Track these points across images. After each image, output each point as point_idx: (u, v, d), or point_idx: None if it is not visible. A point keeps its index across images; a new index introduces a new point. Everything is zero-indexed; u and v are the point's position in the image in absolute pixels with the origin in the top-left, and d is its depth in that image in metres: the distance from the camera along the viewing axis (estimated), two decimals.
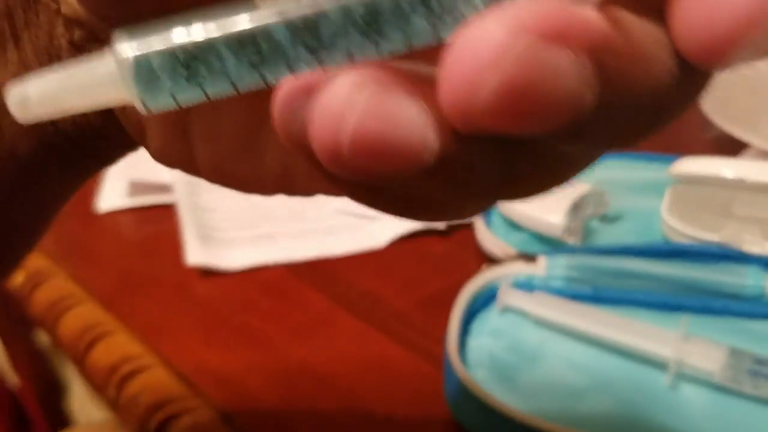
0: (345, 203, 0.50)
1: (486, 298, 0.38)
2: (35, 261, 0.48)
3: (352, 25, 0.11)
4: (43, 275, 0.46)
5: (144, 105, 0.12)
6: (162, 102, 0.12)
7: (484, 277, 0.39)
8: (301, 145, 0.13)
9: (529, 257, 0.40)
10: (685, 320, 0.34)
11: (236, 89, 0.12)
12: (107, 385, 0.38)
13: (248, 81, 0.12)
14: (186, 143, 0.19)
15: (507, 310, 0.38)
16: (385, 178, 0.12)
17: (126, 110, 0.19)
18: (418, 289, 0.43)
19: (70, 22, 0.18)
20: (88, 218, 0.52)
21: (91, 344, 0.40)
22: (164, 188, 0.53)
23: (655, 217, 0.43)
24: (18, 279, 0.47)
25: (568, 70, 0.10)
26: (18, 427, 0.93)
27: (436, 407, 0.34)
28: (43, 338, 0.71)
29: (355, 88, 0.11)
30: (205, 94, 0.12)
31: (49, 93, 0.12)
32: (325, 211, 0.51)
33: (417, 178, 0.12)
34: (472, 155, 0.12)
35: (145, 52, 0.11)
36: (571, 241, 0.42)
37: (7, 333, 0.71)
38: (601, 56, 0.11)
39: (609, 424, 0.32)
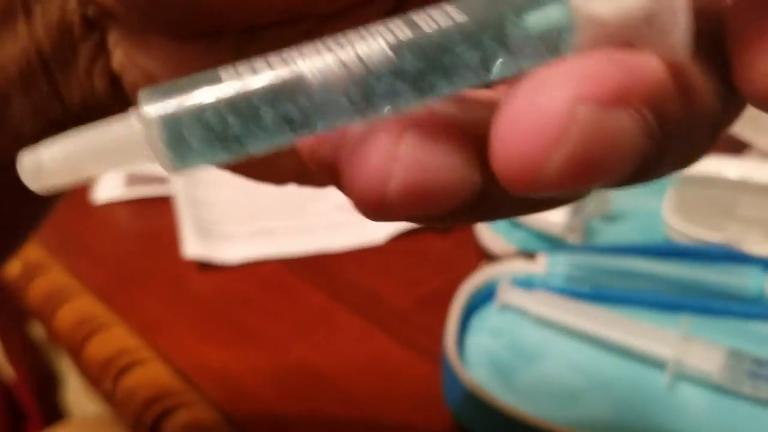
0: (344, 200, 0.50)
1: (485, 296, 0.38)
2: (31, 253, 0.47)
3: (400, 80, 0.11)
4: (39, 267, 0.46)
5: (172, 168, 0.11)
6: (191, 163, 0.11)
7: (484, 274, 0.38)
8: (335, 182, 0.13)
9: (529, 255, 0.39)
10: (684, 320, 0.34)
11: (272, 147, 0.11)
12: (103, 378, 0.38)
13: (284, 139, 0.11)
14: None
15: (506, 308, 0.37)
16: (424, 218, 0.12)
17: (137, 88, 0.18)
18: (417, 286, 0.43)
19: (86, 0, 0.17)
20: (84, 210, 0.52)
21: (87, 337, 0.40)
22: (161, 180, 0.52)
23: (656, 217, 0.43)
24: (14, 271, 0.46)
25: (631, 129, 0.10)
26: (12, 420, 0.93)
27: (434, 405, 0.34)
28: (38, 331, 0.70)
29: (399, 140, 0.11)
30: (237, 154, 0.11)
31: (65, 161, 0.11)
32: (324, 206, 0.50)
33: (456, 211, 0.12)
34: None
35: (174, 113, 0.10)
36: (572, 239, 0.42)
37: (2, 326, 0.70)
38: (661, 104, 0.11)
39: (607, 424, 0.32)
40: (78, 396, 0.70)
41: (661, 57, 0.11)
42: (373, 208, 0.11)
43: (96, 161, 0.11)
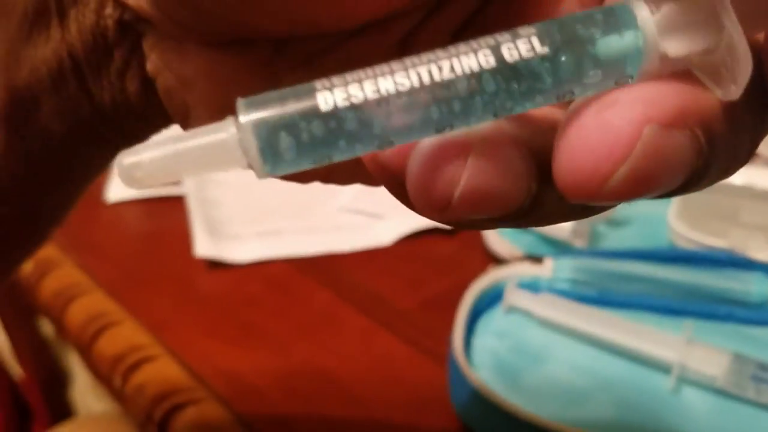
0: (352, 201, 0.51)
1: (491, 298, 0.39)
2: (43, 250, 0.48)
3: (479, 102, 0.11)
4: (51, 264, 0.46)
5: (264, 174, 0.12)
6: (281, 170, 0.12)
7: (490, 277, 0.39)
8: (394, 184, 0.14)
9: (536, 259, 0.40)
10: (689, 325, 0.34)
11: (361, 153, 0.12)
12: (113, 375, 0.39)
13: (367, 150, 0.12)
14: None
15: (512, 310, 0.38)
16: (480, 221, 0.13)
17: (172, 94, 0.18)
18: (423, 287, 0.43)
19: (121, 4, 0.17)
20: (96, 208, 0.52)
21: (97, 333, 0.40)
22: (173, 180, 0.53)
23: (661, 222, 0.43)
24: (26, 267, 0.47)
25: (685, 147, 0.11)
26: (18, 418, 0.94)
27: (439, 406, 0.35)
28: (47, 328, 0.71)
29: (466, 150, 0.12)
30: (329, 159, 0.12)
31: (162, 164, 0.12)
32: (332, 208, 0.51)
33: (510, 216, 0.13)
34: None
35: (268, 123, 0.11)
36: (578, 243, 0.42)
37: (11, 322, 0.71)
38: (711, 125, 0.12)
39: (611, 426, 0.32)
40: (85, 394, 0.70)
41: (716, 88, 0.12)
42: (438, 210, 0.12)
43: (191, 165, 0.12)
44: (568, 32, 0.11)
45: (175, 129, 0.19)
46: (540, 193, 0.13)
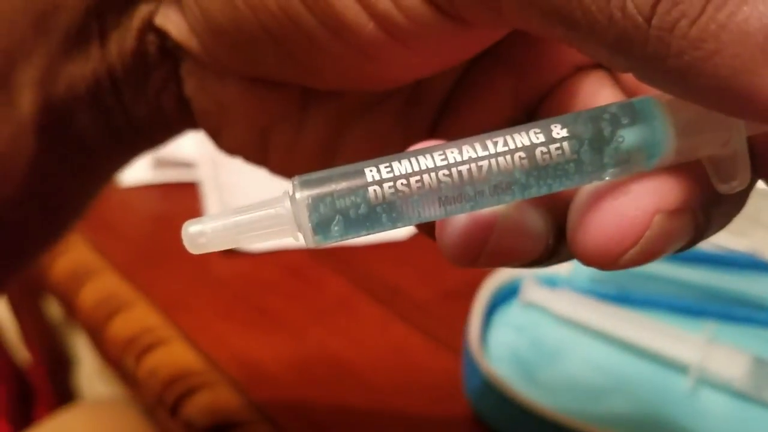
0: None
1: (508, 293, 0.38)
2: None
3: (510, 189, 0.13)
4: (64, 244, 0.46)
5: (316, 245, 0.13)
6: (332, 241, 0.13)
7: (507, 271, 0.38)
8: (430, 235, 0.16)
9: None
10: (708, 326, 0.34)
11: (401, 227, 0.13)
12: (125, 357, 0.38)
13: (413, 223, 0.13)
14: (262, 146, 0.19)
15: (529, 305, 0.38)
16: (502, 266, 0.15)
17: (207, 114, 0.19)
18: (438, 279, 0.43)
19: (164, 33, 0.18)
20: (111, 191, 0.52)
21: (110, 315, 0.40)
22: (188, 165, 0.53)
23: None
24: None
25: (686, 226, 0.13)
26: (21, 400, 0.94)
27: (453, 396, 0.34)
28: (54, 310, 0.71)
29: (493, 214, 0.14)
30: (371, 231, 0.13)
31: (224, 233, 0.13)
32: None
33: (530, 264, 0.15)
34: None
35: (321, 200, 0.13)
36: None
37: (18, 305, 0.71)
38: (710, 206, 0.14)
39: (628, 424, 0.32)
40: (91, 378, 0.70)
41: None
42: (467, 262, 0.14)
43: (249, 237, 0.13)
44: (595, 134, 0.13)
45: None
46: (556, 246, 0.15)
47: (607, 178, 0.13)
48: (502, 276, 0.38)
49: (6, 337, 0.88)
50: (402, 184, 0.13)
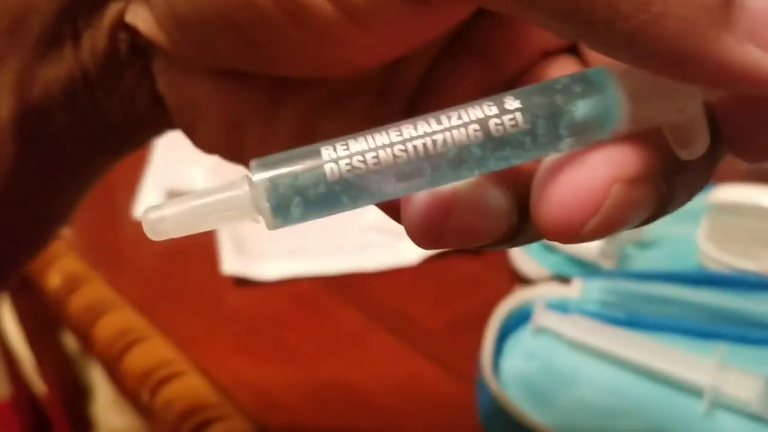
0: (377, 220, 0.51)
1: (519, 319, 0.38)
2: (73, 265, 0.48)
3: (465, 165, 0.13)
4: (79, 280, 0.47)
5: (275, 226, 0.13)
6: (292, 222, 0.13)
7: (518, 297, 0.39)
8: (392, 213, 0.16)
9: (564, 279, 0.40)
10: (721, 349, 0.34)
11: (362, 207, 0.13)
12: (140, 390, 0.39)
13: (373, 202, 0.13)
14: (237, 142, 0.19)
15: (541, 331, 0.38)
16: (465, 247, 0.15)
17: (180, 111, 0.19)
18: (449, 307, 0.43)
19: (134, 30, 0.18)
20: (125, 225, 0.53)
21: (126, 348, 0.41)
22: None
23: (690, 245, 0.43)
24: (54, 282, 0.48)
25: (647, 195, 0.13)
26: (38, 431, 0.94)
27: (468, 425, 0.34)
28: (70, 342, 0.71)
29: (454, 192, 0.14)
30: (332, 213, 0.13)
31: (183, 218, 0.13)
32: (357, 227, 0.51)
33: (494, 243, 0.15)
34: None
35: (279, 182, 0.13)
36: (606, 265, 0.42)
37: (35, 337, 0.71)
38: (672, 174, 0.14)
39: None
40: (106, 409, 0.70)
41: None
42: (430, 245, 0.14)
43: (209, 220, 0.13)
44: (548, 105, 0.13)
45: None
46: (520, 224, 0.14)
47: (564, 150, 0.13)
48: (513, 302, 0.38)
49: (22, 369, 0.88)
50: (358, 160, 0.13)
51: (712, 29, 0.11)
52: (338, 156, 0.13)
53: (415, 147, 0.13)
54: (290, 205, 0.13)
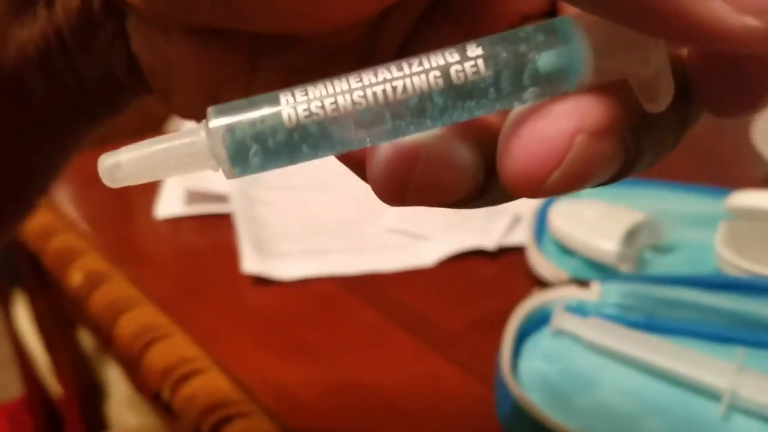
0: (397, 222, 0.51)
1: (538, 321, 0.39)
2: (94, 263, 0.49)
3: (427, 116, 0.13)
4: (102, 277, 0.47)
5: (232, 175, 0.13)
6: (247, 172, 0.13)
7: (537, 299, 0.39)
8: (359, 171, 0.15)
9: (582, 282, 0.40)
10: (739, 352, 0.34)
11: (323, 157, 0.13)
12: (162, 387, 0.39)
13: (325, 155, 0.13)
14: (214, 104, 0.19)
15: (560, 333, 0.38)
16: (430, 205, 0.14)
17: (155, 71, 0.19)
18: (467, 309, 0.44)
19: None
20: (147, 224, 0.54)
21: (147, 346, 0.41)
22: (221, 198, 0.54)
23: (708, 250, 0.43)
24: (76, 279, 0.48)
25: (612, 149, 0.13)
26: (51, 431, 0.94)
27: (486, 426, 0.35)
28: (86, 341, 0.72)
29: (417, 146, 0.13)
30: (293, 162, 0.13)
31: (139, 164, 0.13)
32: (377, 228, 0.52)
33: (460, 201, 0.15)
34: None
35: (235, 128, 0.12)
36: (624, 268, 0.42)
37: (51, 336, 0.72)
38: (639, 128, 0.13)
39: None
40: (120, 408, 0.71)
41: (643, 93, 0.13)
42: (396, 201, 0.14)
43: (166, 167, 0.13)
44: (511, 53, 0.13)
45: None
46: (487, 182, 0.14)
47: (528, 101, 0.13)
48: (531, 304, 0.39)
49: (36, 368, 0.89)
50: (316, 106, 0.12)
51: None
52: (296, 101, 0.12)
53: (374, 93, 0.12)
54: (248, 154, 0.12)
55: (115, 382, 0.72)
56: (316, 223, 0.53)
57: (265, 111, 0.12)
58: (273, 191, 0.55)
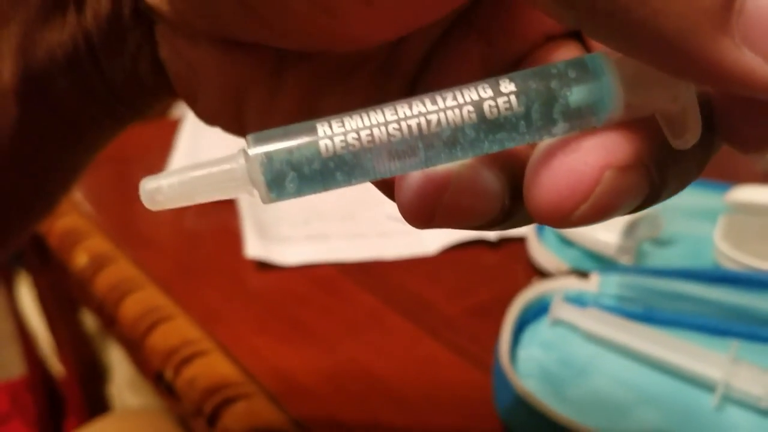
0: (395, 209, 0.52)
1: (537, 310, 0.39)
2: (99, 245, 0.49)
3: (459, 146, 0.13)
4: (106, 259, 0.48)
5: (270, 200, 0.13)
6: (284, 197, 0.13)
7: (536, 289, 0.39)
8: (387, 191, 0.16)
9: (582, 273, 0.40)
10: (734, 345, 0.35)
11: (356, 184, 0.13)
12: (165, 368, 0.40)
13: (368, 179, 0.13)
14: (238, 113, 0.19)
15: (558, 323, 0.38)
16: (457, 228, 0.15)
17: (182, 78, 0.19)
18: (467, 296, 0.44)
19: None
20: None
21: (151, 327, 0.42)
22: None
23: (707, 243, 0.43)
24: (81, 262, 0.49)
25: (639, 182, 0.13)
26: (52, 412, 0.95)
27: (484, 412, 0.35)
28: (89, 322, 0.73)
29: (447, 173, 0.14)
30: (327, 188, 0.13)
31: (180, 189, 0.13)
32: (379, 215, 0.52)
33: (485, 225, 0.15)
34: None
35: (273, 156, 0.13)
36: (624, 260, 0.43)
37: (54, 316, 0.73)
38: (664, 162, 0.14)
39: None
40: (122, 389, 0.72)
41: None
42: (422, 225, 0.14)
43: (205, 192, 0.13)
44: (543, 89, 0.13)
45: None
46: (512, 207, 0.15)
47: (558, 135, 0.13)
48: (531, 294, 0.39)
49: (39, 348, 0.90)
50: (353, 138, 0.13)
51: (710, 30, 0.11)
52: (333, 133, 0.13)
53: (409, 126, 0.13)
54: (285, 180, 0.13)
55: (118, 363, 0.72)
56: (318, 208, 0.53)
57: (303, 140, 0.13)
58: None
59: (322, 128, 0.13)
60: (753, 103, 0.13)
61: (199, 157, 0.57)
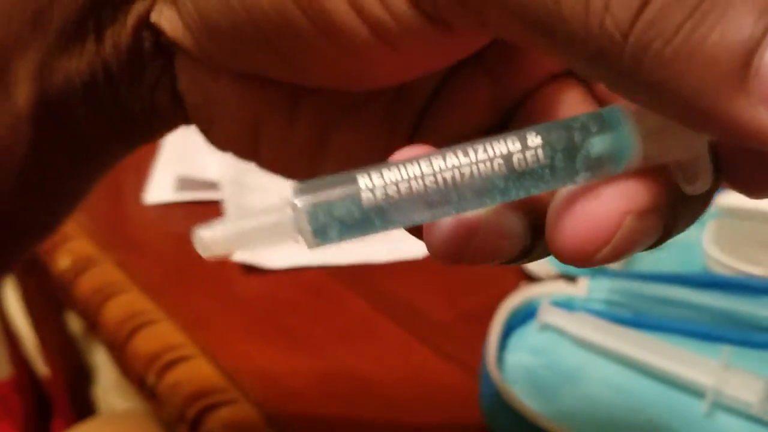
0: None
1: (525, 315, 0.39)
2: (82, 247, 0.49)
3: (486, 195, 0.14)
4: (89, 261, 0.47)
5: (315, 246, 0.14)
6: (330, 243, 0.14)
7: (524, 293, 0.39)
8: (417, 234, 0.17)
9: (570, 278, 0.40)
10: (725, 351, 0.34)
11: (393, 229, 0.14)
12: (147, 373, 0.39)
13: (404, 225, 0.14)
14: (253, 142, 0.20)
15: (546, 328, 0.38)
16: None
17: (199, 109, 0.19)
18: (456, 301, 0.44)
19: (158, 30, 0.18)
20: (136, 209, 0.53)
21: (133, 331, 0.41)
22: (211, 185, 0.54)
23: (696, 248, 0.43)
24: (64, 263, 0.48)
25: (655, 225, 0.14)
26: (38, 414, 0.95)
27: (471, 417, 0.35)
28: (74, 325, 0.72)
29: (476, 218, 0.15)
30: (366, 234, 0.14)
31: (233, 239, 0.14)
32: None
33: (508, 262, 0.16)
34: None
35: (318, 206, 0.14)
36: (613, 265, 0.42)
37: (40, 318, 0.72)
38: (677, 205, 0.15)
39: None
40: (108, 391, 0.71)
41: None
42: (451, 261, 0.15)
43: (255, 241, 0.14)
44: (567, 141, 0.14)
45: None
46: (533, 245, 0.16)
47: (580, 182, 0.14)
48: (519, 298, 0.39)
49: (25, 350, 0.89)
50: (393, 190, 0.14)
51: (728, 90, 0.12)
52: (374, 186, 0.14)
53: (444, 179, 0.14)
54: (328, 229, 0.14)
55: (103, 365, 0.72)
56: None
57: (346, 192, 0.14)
58: (263, 178, 0.55)
59: (363, 180, 0.14)
60: (759, 152, 0.14)
61: (185, 161, 0.56)
